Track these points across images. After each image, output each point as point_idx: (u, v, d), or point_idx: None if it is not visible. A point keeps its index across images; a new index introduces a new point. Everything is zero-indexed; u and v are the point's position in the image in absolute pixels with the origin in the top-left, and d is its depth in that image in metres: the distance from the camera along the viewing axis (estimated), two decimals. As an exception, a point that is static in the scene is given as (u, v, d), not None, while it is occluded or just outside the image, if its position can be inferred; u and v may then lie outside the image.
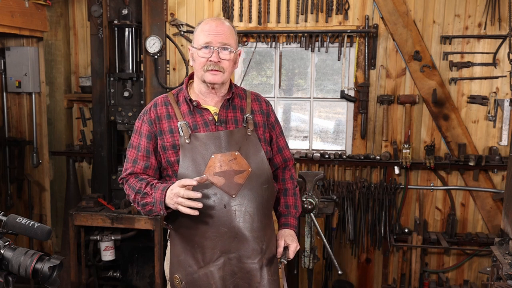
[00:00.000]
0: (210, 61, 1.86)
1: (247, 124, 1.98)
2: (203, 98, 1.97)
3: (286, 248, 2.03)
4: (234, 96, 2.01)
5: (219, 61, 1.86)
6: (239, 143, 1.93)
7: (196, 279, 1.92)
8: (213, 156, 1.87)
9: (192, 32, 4.32)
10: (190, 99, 1.94)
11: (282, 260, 1.98)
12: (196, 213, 1.74)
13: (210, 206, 1.84)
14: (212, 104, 1.97)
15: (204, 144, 1.88)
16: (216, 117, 1.95)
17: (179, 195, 1.73)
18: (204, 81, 1.92)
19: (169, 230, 2.05)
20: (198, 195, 1.72)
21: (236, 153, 1.90)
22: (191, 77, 2.05)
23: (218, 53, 1.86)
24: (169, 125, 1.92)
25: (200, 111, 1.94)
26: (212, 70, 1.87)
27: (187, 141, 1.88)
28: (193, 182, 1.73)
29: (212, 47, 1.86)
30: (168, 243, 2.07)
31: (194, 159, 1.87)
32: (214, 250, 1.89)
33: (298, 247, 2.04)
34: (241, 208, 1.87)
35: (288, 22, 4.21)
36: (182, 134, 1.89)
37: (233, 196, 1.86)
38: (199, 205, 1.73)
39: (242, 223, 1.88)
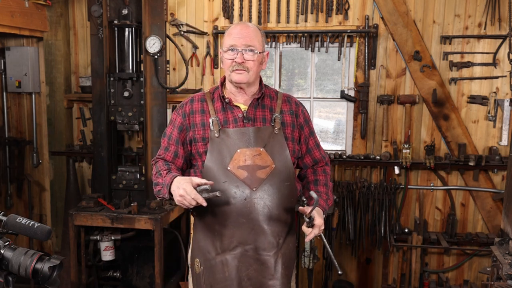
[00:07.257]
0: (235, 62, 2.01)
1: (275, 123, 2.10)
2: (234, 97, 2.12)
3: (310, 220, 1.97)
4: (264, 96, 2.14)
5: (243, 62, 2.00)
6: (265, 140, 2.05)
7: (213, 265, 2.05)
8: (239, 151, 2.00)
9: (192, 32, 4.33)
10: (223, 96, 2.10)
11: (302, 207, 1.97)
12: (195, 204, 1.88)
13: (232, 197, 1.98)
14: (242, 102, 2.12)
15: (232, 139, 2.03)
16: (245, 115, 2.09)
17: (186, 192, 1.84)
18: (231, 81, 2.07)
19: (193, 218, 2.18)
20: (204, 204, 1.85)
21: (261, 149, 2.02)
22: None
23: (243, 54, 2.00)
24: (201, 119, 2.09)
25: (231, 108, 2.10)
26: (237, 70, 2.01)
27: (216, 135, 2.04)
28: (203, 181, 1.87)
29: (236, 49, 2.01)
30: (192, 231, 2.22)
31: (221, 152, 2.02)
32: (231, 239, 2.01)
33: (323, 228, 2.00)
34: (261, 201, 1.98)
35: (288, 22, 4.21)
36: (212, 128, 2.05)
37: (254, 189, 1.98)
38: (204, 203, 1.85)
39: (260, 216, 1.99)
